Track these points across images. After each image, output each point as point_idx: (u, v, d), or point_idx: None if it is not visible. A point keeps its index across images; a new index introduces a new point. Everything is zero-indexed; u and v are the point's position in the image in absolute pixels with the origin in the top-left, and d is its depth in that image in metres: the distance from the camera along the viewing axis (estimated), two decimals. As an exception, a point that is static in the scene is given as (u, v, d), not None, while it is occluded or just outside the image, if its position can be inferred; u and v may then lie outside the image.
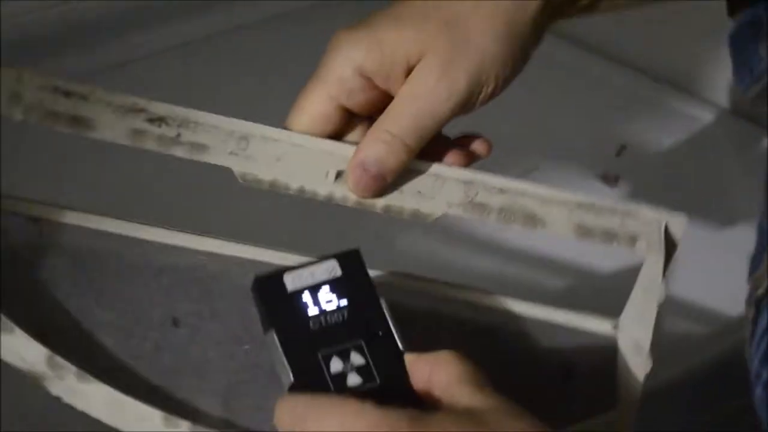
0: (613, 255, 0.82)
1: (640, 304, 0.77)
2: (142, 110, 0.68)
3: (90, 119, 0.67)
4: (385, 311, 0.67)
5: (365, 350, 0.66)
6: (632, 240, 0.75)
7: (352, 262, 0.68)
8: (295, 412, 0.63)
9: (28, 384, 0.66)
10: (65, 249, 0.71)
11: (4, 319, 0.66)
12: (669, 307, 0.76)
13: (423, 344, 0.74)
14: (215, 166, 0.70)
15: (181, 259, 0.73)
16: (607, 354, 0.78)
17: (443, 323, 0.76)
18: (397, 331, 0.67)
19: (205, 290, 0.72)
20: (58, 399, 0.67)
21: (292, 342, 0.66)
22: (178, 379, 0.70)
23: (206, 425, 0.69)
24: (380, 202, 0.72)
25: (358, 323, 0.67)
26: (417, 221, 0.73)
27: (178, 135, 0.69)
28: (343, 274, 0.68)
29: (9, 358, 0.66)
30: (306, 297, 0.67)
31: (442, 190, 0.72)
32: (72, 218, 0.72)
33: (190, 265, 0.73)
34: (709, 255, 1.11)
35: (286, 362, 0.66)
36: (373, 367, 0.66)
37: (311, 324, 0.66)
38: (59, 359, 0.66)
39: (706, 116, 1.35)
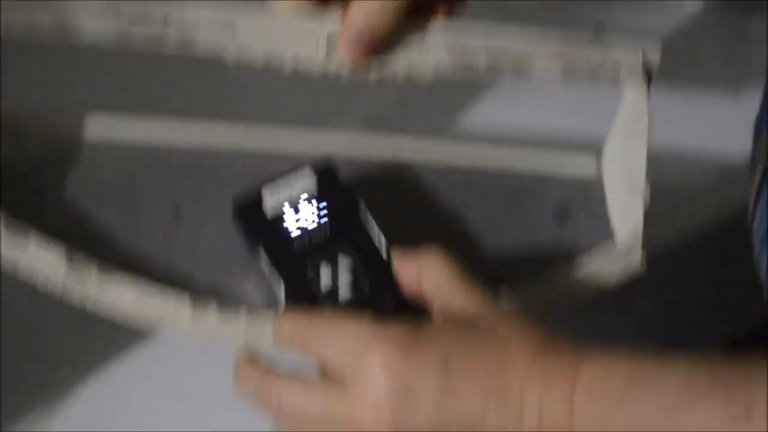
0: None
1: (626, 137, 0.78)
2: (123, 13, 0.66)
3: (74, 27, 0.65)
4: (367, 214, 0.68)
5: (351, 258, 0.67)
6: (615, 73, 0.76)
7: (326, 170, 0.69)
8: (295, 332, 0.64)
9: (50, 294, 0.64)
10: (58, 155, 0.69)
11: (17, 224, 0.64)
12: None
13: (421, 204, 0.75)
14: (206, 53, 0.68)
15: (176, 149, 0.71)
16: (597, 192, 0.79)
17: (435, 179, 0.76)
18: (380, 233, 0.68)
19: (204, 178, 0.71)
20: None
21: (279, 257, 0.66)
22: (193, 268, 0.69)
23: (232, 306, 0.68)
24: (374, 70, 0.71)
25: (342, 234, 0.67)
26: (411, 83, 0.72)
27: (164, 33, 0.66)
28: (319, 183, 0.68)
29: (27, 265, 0.64)
30: (287, 210, 0.67)
31: (430, 50, 0.72)
32: (57, 120, 0.69)
33: (186, 154, 0.71)
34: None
35: (276, 278, 0.66)
36: (360, 275, 0.67)
37: (295, 237, 0.67)
38: (79, 259, 0.65)
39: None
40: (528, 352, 0.61)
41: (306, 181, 0.68)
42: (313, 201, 0.68)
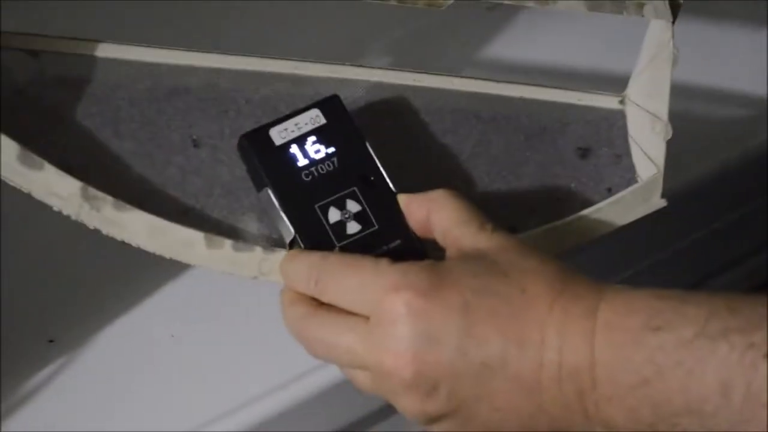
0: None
1: (650, 74, 0.76)
2: None
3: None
4: (373, 154, 0.67)
5: (360, 196, 0.66)
6: (639, 6, 0.74)
7: (333, 108, 0.68)
8: (309, 271, 0.63)
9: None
10: (72, 81, 0.68)
11: (32, 156, 0.63)
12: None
13: (443, 142, 0.74)
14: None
15: (193, 79, 0.70)
16: (620, 129, 0.78)
17: (458, 118, 0.75)
18: (387, 174, 0.67)
19: (221, 108, 0.70)
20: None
21: (287, 196, 0.66)
22: (210, 199, 0.68)
23: (246, 241, 0.67)
24: (395, -7, 0.70)
25: (349, 170, 0.67)
26: (431, 8, 0.71)
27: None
28: (326, 121, 0.67)
29: (41, 195, 0.63)
30: (294, 149, 0.66)
31: (451, -25, 0.71)
32: (73, 47, 0.68)
33: (203, 84, 0.70)
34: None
35: (284, 217, 0.65)
36: (369, 213, 0.66)
37: (303, 176, 0.66)
38: (94, 190, 0.64)
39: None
40: (547, 293, 0.60)
41: (314, 120, 0.67)
42: (321, 139, 0.67)
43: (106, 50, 0.69)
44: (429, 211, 0.65)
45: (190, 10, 0.91)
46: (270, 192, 0.66)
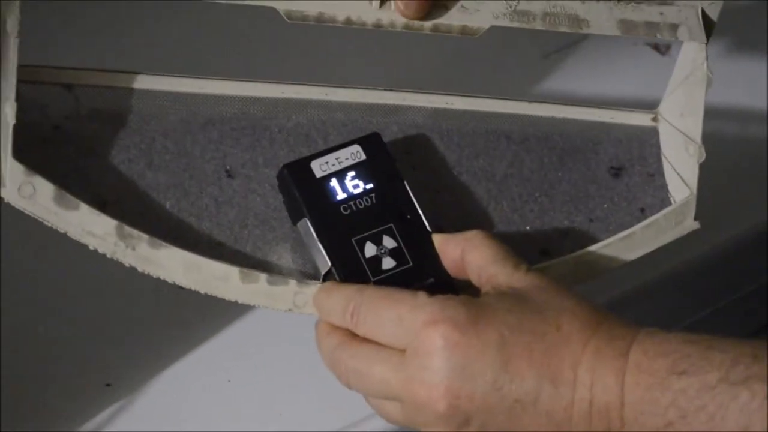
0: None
1: (683, 93, 0.76)
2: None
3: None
4: (410, 193, 0.68)
5: (396, 233, 0.67)
6: (673, 28, 0.74)
7: (374, 145, 0.68)
8: (346, 303, 0.63)
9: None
10: (106, 114, 0.68)
11: (68, 196, 0.63)
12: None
13: (475, 164, 0.74)
14: (255, 8, 0.66)
15: (226, 109, 0.70)
16: (653, 147, 0.78)
17: (490, 139, 0.75)
18: (423, 213, 0.67)
19: (254, 137, 0.70)
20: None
21: (325, 228, 0.66)
22: (244, 230, 0.69)
23: (280, 274, 0.68)
24: (428, 23, 0.69)
25: (387, 207, 0.67)
26: (465, 37, 0.70)
27: (216, -16, 0.65)
28: (366, 158, 0.68)
29: (77, 235, 0.64)
30: (334, 183, 0.67)
31: (484, 2, 0.70)
32: (107, 80, 0.69)
33: (236, 114, 0.70)
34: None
35: (322, 248, 0.66)
36: (405, 249, 0.67)
37: (342, 209, 0.67)
38: (129, 228, 0.64)
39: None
40: (582, 332, 0.60)
41: (354, 156, 0.68)
42: (361, 175, 0.67)
43: (139, 81, 0.69)
44: (464, 251, 0.65)
45: (222, 41, 0.91)
46: (308, 223, 0.66)
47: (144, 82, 0.69)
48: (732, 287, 0.96)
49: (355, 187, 0.67)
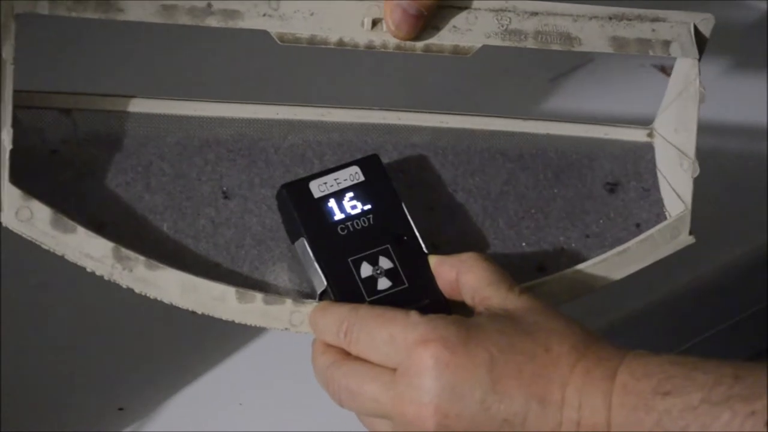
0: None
1: (677, 109, 0.77)
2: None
3: (116, 1, 0.64)
4: (408, 215, 0.68)
5: (392, 254, 0.68)
6: (665, 45, 0.74)
7: (372, 167, 0.69)
8: (339, 322, 0.64)
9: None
10: (103, 137, 0.69)
11: (64, 219, 0.64)
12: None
13: (471, 182, 0.74)
14: (247, 31, 0.67)
15: (222, 130, 0.71)
16: (648, 162, 0.78)
17: (485, 157, 0.75)
18: (419, 234, 0.68)
19: (250, 158, 0.71)
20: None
21: (322, 248, 0.67)
22: (240, 250, 0.69)
23: (276, 294, 0.68)
24: (419, 43, 0.70)
25: (384, 228, 0.68)
26: (457, 56, 0.71)
27: (209, 5, 0.66)
28: (365, 179, 0.68)
29: (74, 258, 0.65)
30: (332, 203, 0.68)
31: (476, 22, 0.71)
32: (103, 104, 0.69)
33: (232, 136, 0.71)
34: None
35: (318, 268, 0.67)
36: (401, 270, 0.67)
37: (339, 230, 0.67)
38: (125, 251, 0.65)
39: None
40: (571, 353, 0.61)
41: (353, 177, 0.68)
42: (359, 196, 0.68)
43: (136, 105, 0.70)
44: (459, 273, 0.66)
45: (217, 64, 0.92)
46: (305, 242, 0.67)
47: (140, 106, 0.70)
48: (731, 310, 0.96)
49: (353, 207, 0.68)
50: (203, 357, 0.80)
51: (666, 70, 1.05)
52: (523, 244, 0.74)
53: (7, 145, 0.63)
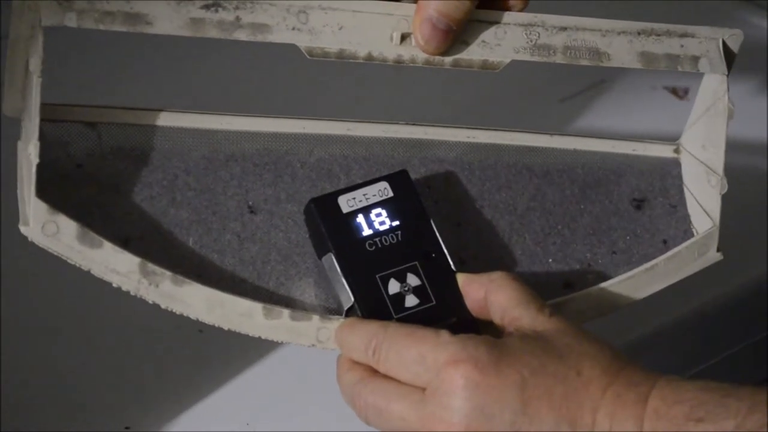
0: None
1: (705, 125, 0.76)
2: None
3: (145, 14, 0.64)
4: (437, 232, 0.68)
5: (420, 271, 0.67)
6: (694, 60, 0.74)
7: (401, 182, 0.68)
8: (368, 339, 0.63)
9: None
10: (129, 151, 0.68)
11: (91, 234, 0.63)
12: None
13: (498, 197, 0.74)
14: (274, 44, 0.67)
15: (248, 144, 0.71)
16: (675, 179, 0.78)
17: (512, 172, 0.75)
18: (448, 252, 0.68)
19: (276, 173, 0.71)
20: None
21: (350, 263, 0.66)
22: (266, 266, 0.69)
23: (303, 309, 0.67)
24: (448, 58, 0.69)
25: (412, 245, 0.67)
26: (486, 72, 0.70)
27: (237, 18, 0.65)
28: (394, 195, 0.68)
29: (100, 273, 0.64)
30: (360, 219, 0.67)
31: (505, 37, 0.70)
32: (128, 117, 0.69)
33: (258, 150, 0.71)
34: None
35: (345, 284, 0.66)
36: (428, 288, 0.67)
37: (367, 246, 0.67)
38: (152, 266, 0.64)
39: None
40: (602, 377, 0.60)
41: (382, 192, 0.68)
42: (387, 212, 0.68)
43: (161, 119, 0.69)
44: (488, 292, 0.65)
45: (244, 77, 0.91)
46: (333, 258, 0.66)
47: (166, 120, 0.69)
48: (748, 332, 0.96)
49: (381, 224, 0.67)
50: (210, 377, 0.80)
51: (677, 92, 1.05)
52: (550, 260, 0.73)
53: (34, 159, 0.62)
